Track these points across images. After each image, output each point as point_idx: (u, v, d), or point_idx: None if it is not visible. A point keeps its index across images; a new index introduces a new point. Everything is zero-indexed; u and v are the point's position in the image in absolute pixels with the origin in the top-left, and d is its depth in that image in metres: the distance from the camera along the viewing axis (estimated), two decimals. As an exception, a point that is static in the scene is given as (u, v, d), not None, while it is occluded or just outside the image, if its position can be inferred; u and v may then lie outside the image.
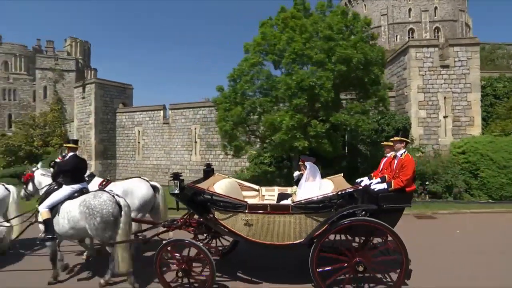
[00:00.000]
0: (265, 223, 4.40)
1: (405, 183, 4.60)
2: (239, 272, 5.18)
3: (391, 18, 54.01)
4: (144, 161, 20.89)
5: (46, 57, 43.49)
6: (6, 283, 5.10)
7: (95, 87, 21.38)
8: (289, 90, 8.39)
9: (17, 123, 35.20)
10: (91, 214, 4.60)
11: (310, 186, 4.95)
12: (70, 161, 5.26)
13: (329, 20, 9.53)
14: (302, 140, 8.42)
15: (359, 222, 4.38)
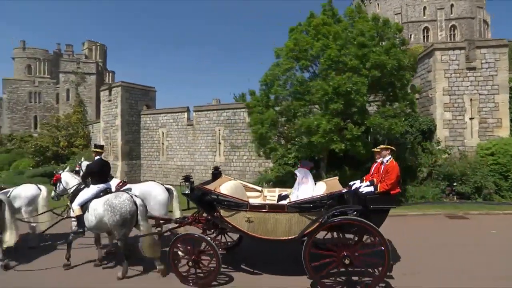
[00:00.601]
0: (263, 220, 4.99)
1: (390, 187, 5.12)
2: (242, 264, 5.80)
3: (405, 17, 53.38)
4: (168, 161, 21.61)
5: (69, 61, 45.06)
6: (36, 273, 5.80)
7: (121, 90, 22.22)
8: (326, 95, 8.79)
9: (44, 125, 36.65)
10: (112, 212, 5.35)
11: (304, 188, 5.62)
12: (96, 163, 6.03)
13: (361, 26, 9.87)
14: (338, 142, 8.81)
15: (345, 221, 4.87)
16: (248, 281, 5.23)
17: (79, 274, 5.73)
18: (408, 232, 8.20)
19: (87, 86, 44.81)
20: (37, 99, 46.51)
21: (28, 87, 46.05)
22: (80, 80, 44.34)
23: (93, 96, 45.02)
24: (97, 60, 50.48)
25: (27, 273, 5.79)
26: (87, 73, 44.85)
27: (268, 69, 11.58)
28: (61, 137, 33.87)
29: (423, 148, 13.81)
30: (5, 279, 5.60)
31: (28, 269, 5.95)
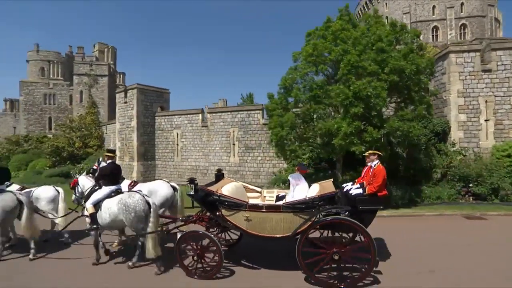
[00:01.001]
0: (261, 219, 5.45)
1: (377, 189, 5.54)
2: (243, 260, 6.32)
3: (414, 16, 53.00)
4: (183, 162, 22.10)
5: (82, 63, 46.06)
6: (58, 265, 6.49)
7: (137, 92, 22.80)
8: (347, 99, 9.09)
9: (60, 126, 37.57)
10: (127, 210, 5.89)
11: (299, 189, 6.11)
12: (108, 167, 6.60)
13: (380, 32, 10.14)
14: (359, 145, 9.11)
15: (336, 220, 5.35)
16: (248, 275, 5.72)
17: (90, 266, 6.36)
18: (427, 231, 8.46)
19: (99, 87, 45.77)
20: (51, 101, 47.70)
21: (43, 89, 47.27)
22: (93, 82, 45.32)
23: (105, 97, 45.97)
24: (109, 62, 51.44)
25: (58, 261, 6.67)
26: (99, 75, 45.80)
27: (283, 72, 11.91)
28: (76, 138, 34.74)
29: (438, 149, 13.99)
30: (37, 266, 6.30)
31: (59, 257, 6.84)
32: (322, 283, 5.15)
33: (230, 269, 5.87)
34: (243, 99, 59.37)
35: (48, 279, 5.69)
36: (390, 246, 7.14)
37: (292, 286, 5.23)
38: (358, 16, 64.24)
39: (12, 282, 5.63)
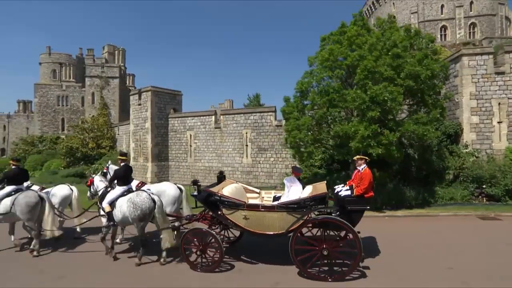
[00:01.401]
0: (258, 217, 5.94)
1: (363, 191, 5.98)
2: (242, 255, 6.80)
3: (422, 16, 52.68)
4: (196, 163, 22.61)
5: (94, 66, 47.01)
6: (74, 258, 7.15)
7: (151, 95, 23.40)
8: (364, 103, 9.43)
9: (74, 127, 38.43)
10: (134, 208, 6.45)
11: (294, 191, 6.61)
12: (122, 169, 7.25)
13: (395, 37, 10.44)
14: (376, 147, 9.44)
15: (327, 220, 5.85)
16: (246, 269, 6.25)
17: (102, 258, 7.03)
18: (446, 231, 8.76)
19: (110, 89, 46.65)
20: (64, 102, 48.84)
21: (57, 91, 48.42)
22: (104, 84, 46.24)
23: (117, 99, 46.85)
24: (119, 64, 52.32)
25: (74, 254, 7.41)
26: (110, 76, 46.69)
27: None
28: (89, 139, 35.58)
29: (450, 151, 14.19)
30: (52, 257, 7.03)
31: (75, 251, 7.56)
32: (313, 277, 5.60)
33: (231, 263, 6.40)
34: (249, 100, 59.82)
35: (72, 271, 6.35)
36: (406, 244, 7.47)
37: (285, 279, 5.70)
38: (365, 16, 64.21)
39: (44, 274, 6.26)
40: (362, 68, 9.86)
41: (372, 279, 5.64)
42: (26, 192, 7.50)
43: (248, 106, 57.92)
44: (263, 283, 5.56)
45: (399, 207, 11.91)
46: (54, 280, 5.94)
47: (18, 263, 6.95)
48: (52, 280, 5.92)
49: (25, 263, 6.91)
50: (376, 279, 5.61)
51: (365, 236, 8.19)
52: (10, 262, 6.95)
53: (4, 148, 71.69)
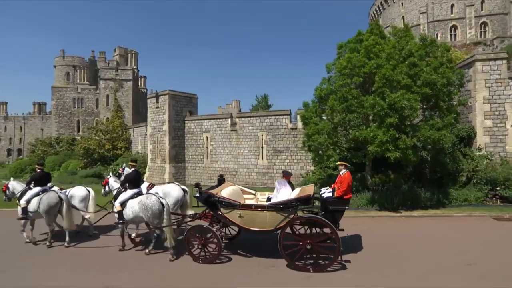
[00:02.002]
0: (251, 216, 6.76)
1: (342, 193, 6.74)
2: (239, 250, 7.66)
3: (431, 16, 52.51)
4: (212, 164, 23.38)
5: (108, 68, 48.28)
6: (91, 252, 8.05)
7: (168, 98, 24.27)
8: (382, 110, 10.00)
9: (91, 129, 39.63)
10: (146, 209, 7.39)
11: (283, 192, 7.46)
12: (132, 174, 8.38)
13: (411, 46, 10.97)
14: (393, 151, 10.00)
15: (310, 218, 6.69)
16: (241, 261, 7.12)
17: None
18: (463, 231, 9.27)
19: (124, 91, 47.90)
20: (79, 105, 50.30)
21: (72, 93, 49.91)
22: (118, 86, 47.50)
23: (130, 101, 48.09)
24: (132, 66, 53.60)
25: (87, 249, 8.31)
26: (124, 79, 47.93)
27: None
28: (105, 141, 36.71)
29: (463, 154, 14.60)
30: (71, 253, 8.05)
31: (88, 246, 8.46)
32: (299, 268, 6.39)
33: (228, 256, 7.28)
34: (257, 100, 60.50)
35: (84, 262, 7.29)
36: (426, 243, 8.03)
37: (275, 270, 6.54)
38: (373, 17, 64.11)
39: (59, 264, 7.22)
40: (380, 76, 10.42)
41: (390, 271, 6.24)
42: (48, 193, 8.56)
43: (256, 106, 58.64)
44: (254, 273, 6.42)
45: (414, 207, 12.41)
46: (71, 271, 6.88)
47: (49, 256, 7.92)
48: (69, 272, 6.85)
49: (48, 256, 7.89)
50: (382, 273, 6.21)
51: (385, 234, 8.81)
52: (40, 255, 7.93)
53: (21, 148, 73.93)
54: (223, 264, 6.91)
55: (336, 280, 6.02)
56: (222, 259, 7.05)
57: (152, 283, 6.12)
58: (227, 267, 6.76)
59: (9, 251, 8.19)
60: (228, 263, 6.95)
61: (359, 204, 13.01)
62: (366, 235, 8.66)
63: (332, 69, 12.93)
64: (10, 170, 39.93)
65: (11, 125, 73.92)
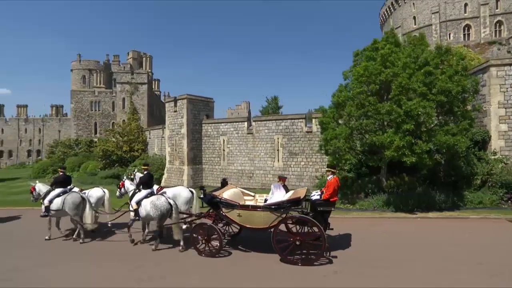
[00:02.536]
0: (248, 215, 7.71)
1: (329, 196, 7.65)
2: (239, 246, 8.64)
3: (444, 16, 51.97)
4: (229, 166, 24.16)
5: (125, 72, 49.80)
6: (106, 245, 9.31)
7: (186, 102, 25.16)
8: (399, 117, 10.53)
9: (109, 132, 41.03)
10: (156, 209, 8.46)
11: (277, 194, 8.36)
12: (146, 176, 9.42)
13: (426, 55, 11.46)
14: (409, 156, 10.52)
15: (300, 218, 7.49)
16: (240, 255, 8.10)
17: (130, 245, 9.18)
18: (477, 232, 9.73)
19: (139, 94, 49.29)
20: (96, 107, 52.05)
21: (90, 97, 51.69)
22: (134, 90, 48.94)
23: (145, 103, 49.47)
24: (147, 70, 55.05)
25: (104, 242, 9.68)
26: (139, 83, 49.34)
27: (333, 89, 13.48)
28: (123, 143, 37.99)
29: (478, 157, 14.91)
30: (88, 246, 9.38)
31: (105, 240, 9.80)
32: (289, 262, 7.26)
33: (229, 251, 8.23)
34: (268, 102, 61.07)
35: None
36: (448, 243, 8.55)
37: (269, 263, 7.42)
38: (383, 17, 63.84)
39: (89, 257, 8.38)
40: (396, 84, 10.95)
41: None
42: (72, 193, 9.76)
43: (266, 108, 59.18)
44: (251, 266, 7.37)
45: (429, 209, 12.83)
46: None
47: (69, 249, 9.13)
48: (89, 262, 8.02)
49: (73, 249, 9.09)
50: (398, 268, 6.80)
51: (400, 234, 9.36)
52: (61, 249, 9.17)
53: (40, 149, 76.69)
54: (223, 258, 7.89)
55: (322, 273, 6.86)
56: (223, 253, 8.02)
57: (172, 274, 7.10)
58: (226, 260, 7.77)
59: (34, 245, 9.54)
60: (228, 257, 7.94)
61: (375, 205, 13.50)
62: (381, 235, 9.30)
63: (349, 76, 13.50)
64: (33, 171, 41.68)
65: (31, 127, 76.79)
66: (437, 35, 51.95)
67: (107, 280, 6.85)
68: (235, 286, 6.40)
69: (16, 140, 75.52)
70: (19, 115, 78.67)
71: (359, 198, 14.52)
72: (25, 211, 15.11)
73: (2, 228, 12.12)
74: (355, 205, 13.94)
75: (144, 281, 6.73)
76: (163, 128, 33.87)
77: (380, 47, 12.97)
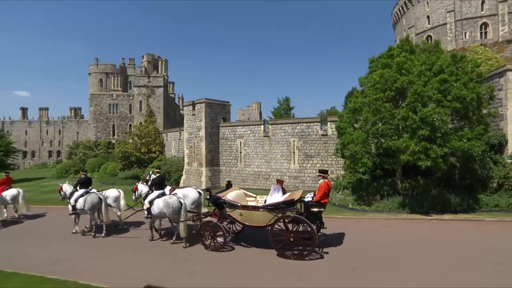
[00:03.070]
0: (248, 214, 8.70)
1: (319, 198, 8.59)
2: (242, 242, 9.66)
3: (459, 14, 51.11)
4: (246, 168, 24.96)
5: (141, 76, 51.37)
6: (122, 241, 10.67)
7: (205, 106, 26.11)
8: (415, 123, 11.03)
9: (128, 134, 42.54)
10: (168, 207, 9.52)
11: (275, 196, 9.28)
12: (158, 178, 10.80)
13: (441, 63, 11.89)
14: (425, 160, 11.00)
15: (294, 217, 8.41)
16: (242, 250, 9.18)
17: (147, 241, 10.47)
18: (493, 234, 10.15)
19: (156, 97, 50.76)
20: (114, 110, 53.86)
21: (108, 100, 53.52)
22: (150, 93, 50.46)
23: (161, 106, 50.89)
24: (163, 74, 56.55)
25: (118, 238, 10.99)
26: (156, 86, 50.81)
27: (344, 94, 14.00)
28: (141, 145, 39.36)
29: (494, 161, 15.12)
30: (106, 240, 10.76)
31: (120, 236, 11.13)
32: (285, 256, 8.21)
33: (232, 246, 9.32)
34: (279, 103, 61.60)
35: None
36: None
37: (267, 258, 8.39)
38: (396, 17, 63.26)
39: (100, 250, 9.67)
40: (412, 92, 11.45)
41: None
42: (91, 194, 11.12)
43: (278, 109, 59.73)
44: (250, 259, 8.44)
45: (444, 211, 13.19)
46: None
47: (85, 243, 10.59)
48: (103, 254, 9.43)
49: (87, 243, 10.50)
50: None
51: (415, 235, 9.87)
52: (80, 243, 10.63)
53: (60, 150, 79.80)
54: (227, 252, 8.98)
55: (313, 267, 7.78)
56: (227, 248, 9.08)
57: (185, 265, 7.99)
58: (229, 254, 8.89)
59: (67, 239, 11.09)
60: (231, 251, 9.03)
61: (391, 207, 13.96)
62: (396, 235, 9.83)
63: (365, 83, 14.03)
64: (57, 171, 43.69)
65: (51, 129, 79.96)
66: (452, 34, 51.21)
67: (163, 273, 7.77)
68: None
69: (39, 141, 78.84)
70: (41, 117, 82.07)
71: (374, 200, 15.01)
72: (49, 209, 16.94)
73: (33, 224, 13.84)
74: (371, 206, 14.44)
75: (192, 274, 7.64)
76: (180, 131, 35.01)
77: (396, 54, 13.44)
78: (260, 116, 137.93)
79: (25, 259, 9.21)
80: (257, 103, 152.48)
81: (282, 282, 7.04)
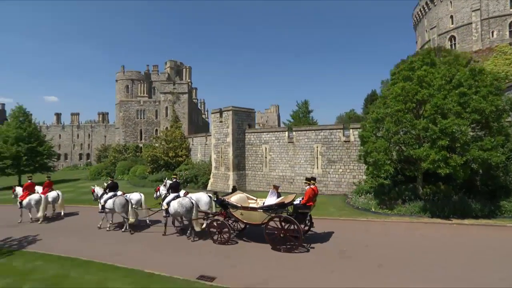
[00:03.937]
0: (248, 214, 10.77)
1: (305, 202, 10.40)
2: (244, 238, 11.68)
3: (486, 13, 49.97)
4: (271, 172, 26.32)
5: (167, 83, 54.08)
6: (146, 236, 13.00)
7: (232, 114, 27.77)
8: (435, 134, 11.97)
9: (156, 139, 45.04)
10: (182, 207, 11.70)
11: (271, 199, 11.12)
12: (174, 183, 12.87)
13: (460, 77, 12.76)
14: (444, 168, 11.90)
15: (285, 217, 10.16)
16: (244, 244, 11.14)
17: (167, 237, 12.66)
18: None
19: (181, 103, 53.26)
20: (141, 115, 56.94)
21: (136, 106, 56.68)
22: (175, 99, 53.05)
23: (186, 112, 53.33)
24: (187, 80, 59.13)
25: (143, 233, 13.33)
26: (180, 92, 53.34)
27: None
28: (168, 149, 41.63)
29: (518, 167, 15.51)
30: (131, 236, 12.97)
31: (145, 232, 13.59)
32: (276, 249, 10.09)
33: (236, 241, 11.27)
34: (298, 106, 62.44)
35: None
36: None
37: (263, 251, 10.26)
38: (417, 18, 62.53)
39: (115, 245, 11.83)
40: (432, 104, 12.39)
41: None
42: (119, 197, 13.53)
43: (297, 112, 60.57)
44: (250, 252, 10.26)
45: (465, 217, 13.69)
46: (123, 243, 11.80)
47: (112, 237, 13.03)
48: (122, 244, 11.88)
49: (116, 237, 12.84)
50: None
51: (434, 238, 10.79)
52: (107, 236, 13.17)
53: (89, 153, 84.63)
54: (231, 245, 10.96)
55: (300, 260, 9.43)
56: (231, 242, 11.04)
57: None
58: (232, 247, 10.86)
59: (106, 235, 13.25)
60: (234, 245, 11.00)
61: (412, 211, 14.75)
62: (417, 238, 10.79)
63: (387, 94, 15.04)
64: (90, 173, 46.92)
65: (81, 133, 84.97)
66: (477, 34, 50.16)
67: (209, 266, 9.32)
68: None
69: (71, 145, 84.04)
70: (72, 122, 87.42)
71: (396, 204, 15.88)
72: (80, 208, 19.80)
73: (72, 221, 16.66)
74: (393, 210, 15.34)
75: (234, 267, 9.15)
76: (206, 136, 36.92)
77: (417, 67, 14.39)
78: (279, 119, 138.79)
79: (88, 251, 11.11)
80: (275, 106, 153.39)
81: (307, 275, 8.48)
